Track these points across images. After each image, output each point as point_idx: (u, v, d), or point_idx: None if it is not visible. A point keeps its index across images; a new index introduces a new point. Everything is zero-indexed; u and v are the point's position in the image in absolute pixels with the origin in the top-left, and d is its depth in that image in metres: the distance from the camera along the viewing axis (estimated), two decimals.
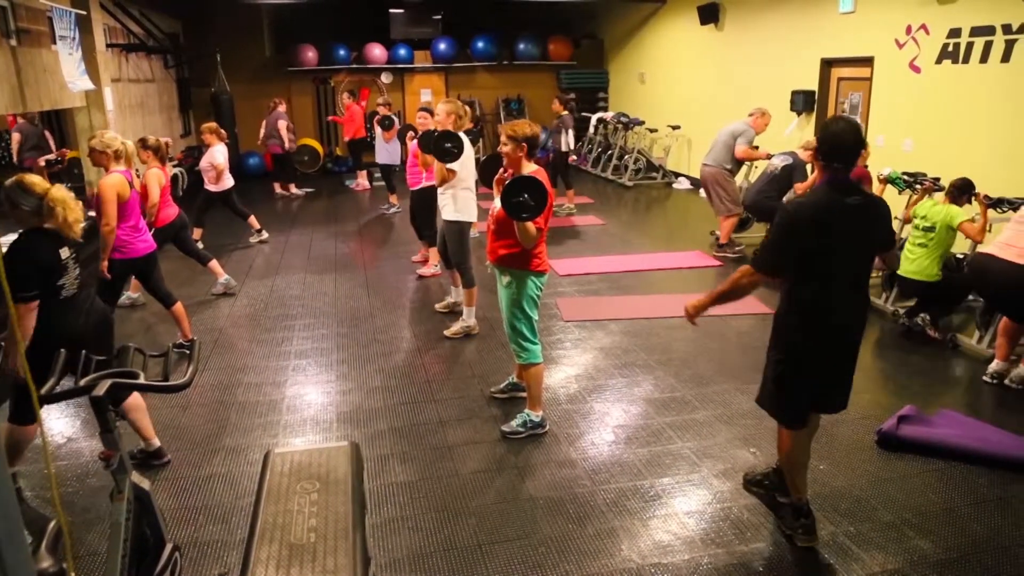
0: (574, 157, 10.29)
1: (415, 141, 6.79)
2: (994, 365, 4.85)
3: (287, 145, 11.77)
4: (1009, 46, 6.69)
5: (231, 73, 12.68)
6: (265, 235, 8.88)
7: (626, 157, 12.85)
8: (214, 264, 6.65)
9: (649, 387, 4.77)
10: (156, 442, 3.88)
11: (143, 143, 5.98)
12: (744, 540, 3.24)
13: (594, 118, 14.01)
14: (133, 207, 4.83)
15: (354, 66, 14.41)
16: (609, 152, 13.33)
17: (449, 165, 5.35)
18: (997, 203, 5.46)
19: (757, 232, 8.19)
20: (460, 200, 5.52)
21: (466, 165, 5.47)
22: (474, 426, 4.29)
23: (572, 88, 15.34)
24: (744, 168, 8.14)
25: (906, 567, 3.07)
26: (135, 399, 3.72)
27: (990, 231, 5.74)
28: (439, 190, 5.58)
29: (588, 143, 14.29)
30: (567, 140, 10.03)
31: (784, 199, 7.18)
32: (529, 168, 3.91)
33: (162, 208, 5.95)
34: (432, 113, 7.48)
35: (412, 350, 5.49)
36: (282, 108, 11.96)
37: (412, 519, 3.42)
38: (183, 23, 13.13)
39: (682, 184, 12.33)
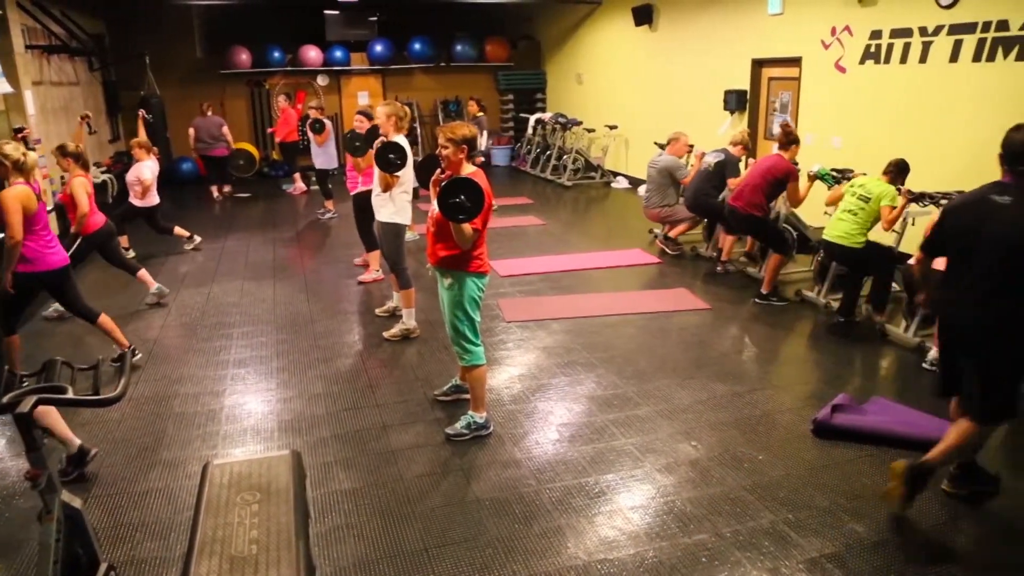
0: (481, 159, 10.33)
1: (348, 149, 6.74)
2: (932, 354, 5.05)
3: (232, 145, 11.81)
4: (926, 47, 6.97)
5: (161, 76, 12.34)
6: (198, 240, 8.67)
7: (565, 157, 12.95)
8: (143, 274, 6.46)
9: (592, 385, 4.82)
10: (76, 441, 3.74)
11: (62, 151, 5.76)
12: (688, 532, 3.30)
13: (532, 119, 14.09)
14: (41, 218, 4.60)
15: (289, 68, 14.19)
16: (548, 153, 13.42)
17: (395, 173, 5.33)
18: (919, 197, 5.68)
19: (694, 233, 8.34)
20: (398, 202, 5.49)
21: (406, 169, 5.45)
22: (418, 430, 4.27)
23: (510, 89, 15.43)
24: (684, 159, 8.28)
25: (842, 551, 3.17)
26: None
27: (913, 224, 5.98)
28: (376, 192, 5.53)
29: (527, 144, 14.36)
30: (480, 141, 10.06)
31: (720, 196, 7.35)
32: (468, 170, 3.91)
33: (89, 215, 5.75)
34: (369, 116, 7.45)
35: (354, 355, 5.43)
36: (210, 112, 11.79)
37: (357, 526, 3.38)
38: (108, 24, 12.73)
39: (620, 183, 12.48)
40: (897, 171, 5.68)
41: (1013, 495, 3.68)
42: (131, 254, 8.14)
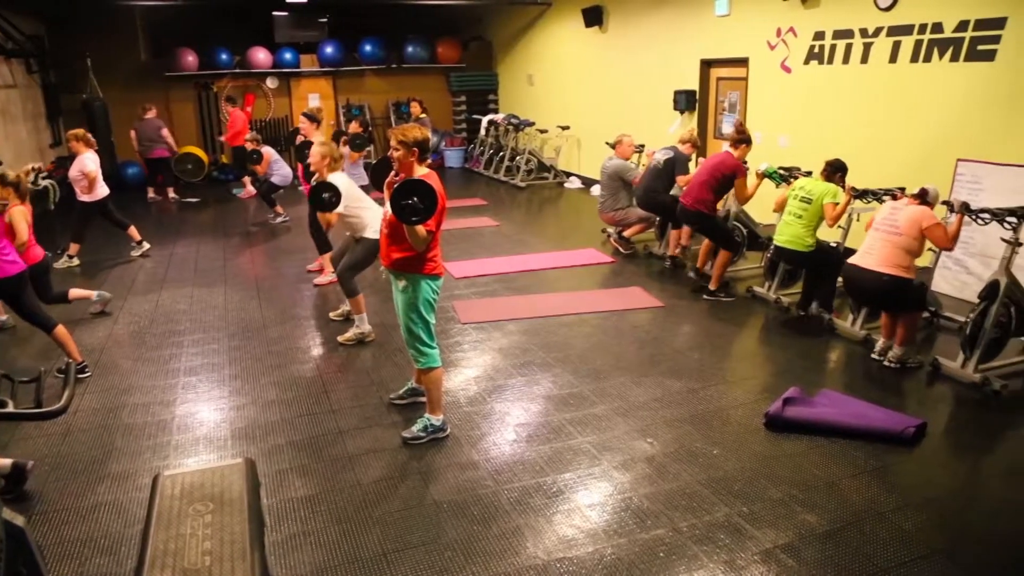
0: (428, 160, 10.28)
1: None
2: (880, 344, 5.20)
3: (175, 148, 11.70)
4: (867, 48, 7.16)
5: (104, 78, 12.05)
6: (147, 246, 8.48)
7: (518, 158, 12.98)
8: (76, 292, 6.21)
9: (548, 384, 4.84)
10: (6, 462, 3.63)
11: (1, 180, 5.52)
12: (645, 528, 3.34)
13: (485, 120, 14.09)
14: None
15: (238, 71, 13.96)
16: (501, 154, 13.44)
17: (332, 212, 5.36)
18: (863, 194, 5.83)
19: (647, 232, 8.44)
20: (375, 222, 5.36)
21: (351, 195, 5.45)
22: (374, 434, 4.23)
23: (462, 90, 15.41)
24: (635, 157, 8.37)
25: (796, 541, 3.24)
26: None
27: (858, 220, 6.13)
28: (359, 206, 5.53)
29: (480, 145, 14.35)
30: None
31: (670, 192, 7.43)
32: (420, 172, 3.90)
33: (28, 247, 5.53)
34: (313, 119, 7.44)
35: (308, 360, 5.37)
36: (151, 115, 11.55)
37: (314, 533, 3.35)
38: (47, 25, 12.37)
39: (573, 183, 12.55)
40: (832, 170, 5.81)
41: (960, 482, 3.81)
42: (76, 262, 7.94)
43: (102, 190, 7.86)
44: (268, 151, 9.89)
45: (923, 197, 4.99)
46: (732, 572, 3.04)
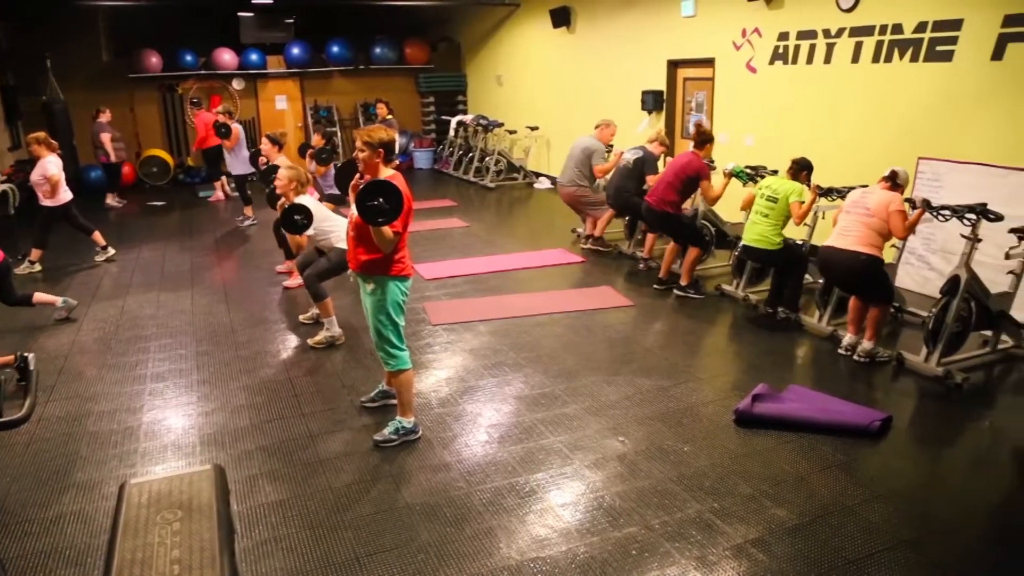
0: (397, 162, 10.29)
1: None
2: (847, 339, 5.28)
3: (113, 157, 11.36)
4: (830, 49, 7.27)
5: (65, 80, 11.84)
6: (111, 251, 8.34)
7: (487, 159, 12.99)
8: (40, 296, 6.10)
9: (519, 385, 4.85)
10: None
11: None
12: (618, 526, 3.35)
13: (454, 121, 14.07)
14: None
15: (203, 72, 13.78)
16: (470, 155, 13.43)
17: (303, 234, 5.36)
18: (828, 192, 5.92)
19: (616, 232, 8.48)
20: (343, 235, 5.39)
21: (320, 216, 5.46)
22: (345, 438, 4.21)
23: (431, 91, 15.38)
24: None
25: (766, 535, 3.28)
26: None
27: (823, 218, 6.22)
28: (327, 219, 5.54)
29: (449, 146, 14.33)
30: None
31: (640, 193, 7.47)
32: (386, 173, 3.88)
33: None
34: (275, 142, 7.46)
35: (277, 364, 5.32)
36: (104, 118, 11.35)
37: (286, 539, 3.32)
38: (4, 26, 12.11)
39: (543, 184, 12.59)
40: (798, 169, 5.89)
41: (925, 474, 3.88)
42: (37, 268, 7.78)
43: (65, 194, 7.72)
44: (238, 127, 9.85)
45: (893, 179, 5.10)
46: (704, 568, 3.07)
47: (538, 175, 12.92)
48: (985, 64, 5.96)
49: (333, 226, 5.52)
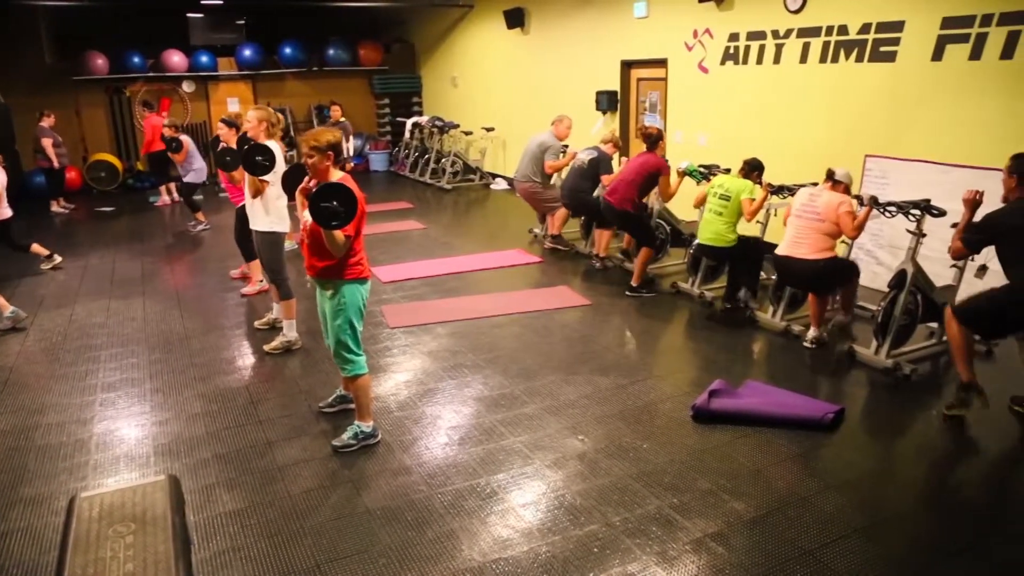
0: (352, 164, 10.32)
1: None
2: (811, 333, 5.40)
3: (55, 163, 11.09)
4: (779, 49, 7.41)
5: (5, 83, 11.50)
6: (58, 259, 8.12)
7: (443, 160, 12.95)
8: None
9: (479, 386, 4.84)
10: None
11: None
12: (579, 525, 3.37)
13: (409, 123, 14.01)
14: None
15: (152, 74, 13.50)
16: (426, 156, 13.38)
17: (263, 177, 5.17)
18: (779, 190, 6.03)
19: (573, 231, 8.53)
20: (273, 210, 5.34)
21: (279, 174, 5.30)
22: (303, 444, 4.16)
23: (385, 93, 15.28)
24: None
25: (724, 529, 3.32)
26: None
27: (776, 215, 6.34)
28: (249, 200, 5.37)
29: (404, 148, 14.26)
30: (347, 147, 9.99)
31: (595, 193, 7.53)
32: (336, 176, 3.85)
33: None
34: (232, 125, 7.28)
35: (233, 371, 5.24)
36: (47, 123, 11.05)
37: (244, 548, 3.26)
38: None
39: (499, 185, 12.60)
40: (749, 168, 6.01)
41: (876, 464, 3.97)
42: None
43: (5, 211, 7.28)
44: (187, 140, 9.65)
45: (831, 178, 5.23)
46: (664, 563, 3.11)
47: (494, 176, 12.93)
48: (926, 64, 6.14)
49: (281, 191, 5.35)
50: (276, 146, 5.32)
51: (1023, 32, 5.48)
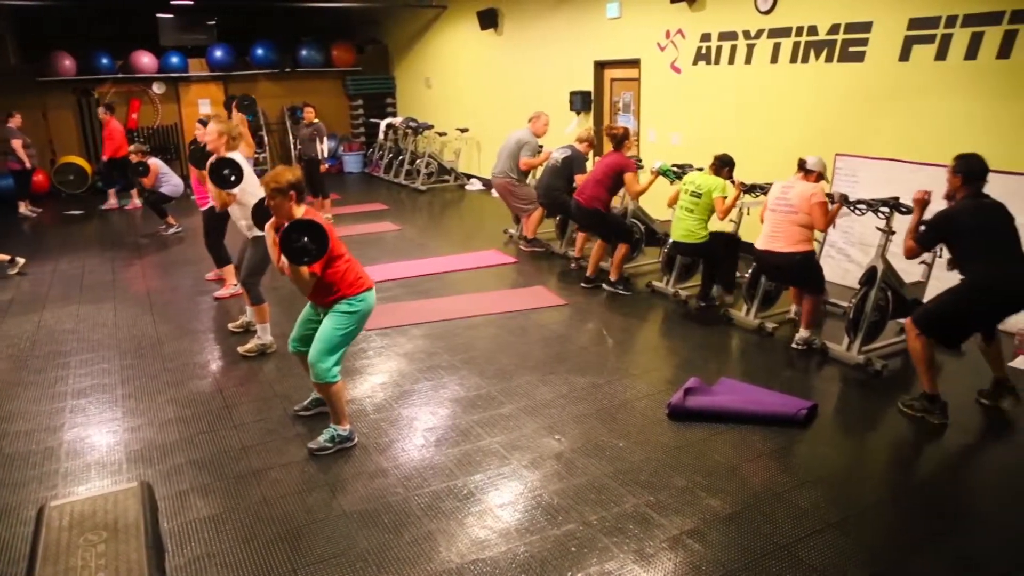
0: (326, 166, 10.31)
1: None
2: (802, 334, 5.41)
3: (27, 163, 10.94)
4: (750, 50, 7.48)
5: None
6: (21, 262, 7.96)
7: (417, 162, 12.92)
8: None
9: (455, 387, 4.84)
10: None
11: None
12: (556, 524, 3.38)
13: (383, 124, 13.95)
14: None
15: (120, 76, 13.31)
16: (400, 157, 13.33)
17: (231, 190, 5.17)
18: (751, 189, 6.09)
19: (548, 232, 8.55)
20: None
21: (250, 180, 5.25)
22: (279, 448, 4.13)
23: (359, 94, 15.21)
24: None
25: (700, 525, 3.35)
26: None
27: (748, 214, 6.39)
28: (231, 210, 5.35)
29: (379, 149, 14.20)
30: (321, 148, 9.95)
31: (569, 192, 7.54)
32: (299, 212, 3.85)
33: None
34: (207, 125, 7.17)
35: (207, 375, 5.18)
36: (13, 123, 10.86)
37: (220, 555, 3.23)
38: None
39: (474, 185, 12.59)
40: (720, 164, 6.06)
41: (849, 459, 4.02)
42: None
43: None
44: (155, 163, 9.51)
45: (803, 167, 5.29)
46: (642, 561, 3.12)
47: (469, 177, 12.91)
48: (894, 64, 6.23)
49: (260, 190, 5.31)
50: (240, 156, 5.31)
51: (986, 33, 5.59)
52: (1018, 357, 5.06)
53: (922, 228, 4.34)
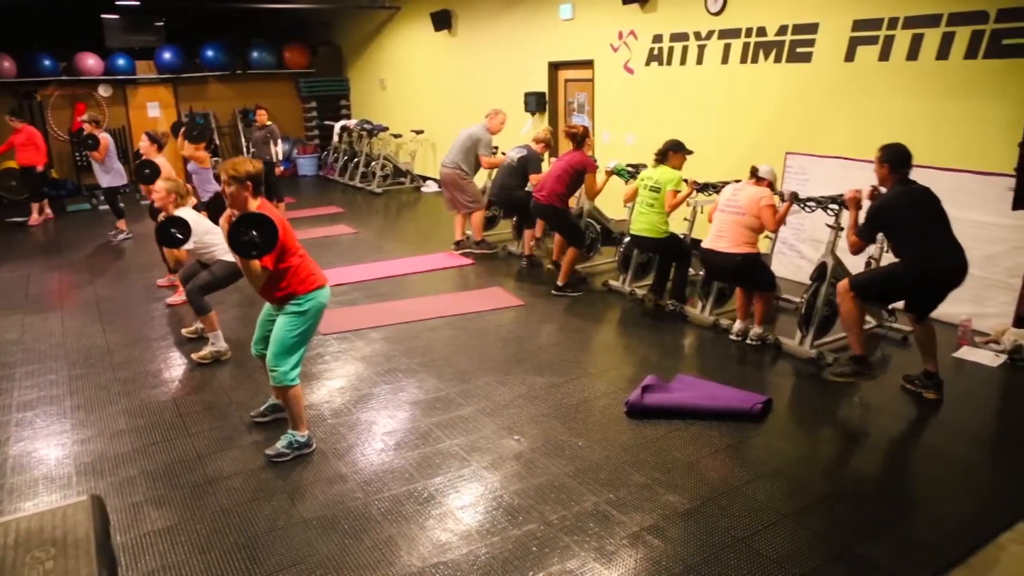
0: (281, 169, 10.19)
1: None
2: (737, 325, 5.55)
3: None
4: (701, 50, 7.59)
5: None
6: None
7: (373, 164, 12.83)
8: None
9: (414, 390, 4.82)
10: None
11: None
12: (517, 525, 3.38)
13: (337, 126, 13.83)
14: None
15: (65, 78, 12.97)
16: (355, 160, 13.22)
17: (180, 248, 5.18)
18: (704, 187, 6.18)
19: (504, 228, 8.56)
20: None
21: (200, 229, 5.29)
22: (235, 455, 4.06)
23: (312, 96, 15.06)
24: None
25: (660, 521, 3.39)
26: None
27: (702, 212, 6.47)
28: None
29: (333, 152, 14.07)
30: (276, 151, 9.83)
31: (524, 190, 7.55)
32: (254, 205, 3.81)
33: None
34: (155, 140, 7.16)
35: (161, 384, 5.08)
36: None
37: (176, 567, 3.17)
38: None
39: (430, 187, 12.54)
40: (665, 151, 6.10)
41: (803, 451, 4.10)
42: None
43: None
44: (107, 137, 9.30)
45: (755, 174, 5.38)
46: (603, 558, 3.14)
47: (425, 179, 12.87)
48: (840, 65, 6.38)
49: (216, 239, 5.32)
50: (188, 212, 5.37)
51: (926, 35, 5.75)
52: (961, 347, 5.21)
53: (861, 223, 4.50)
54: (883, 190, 4.56)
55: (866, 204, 4.63)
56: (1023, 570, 3.07)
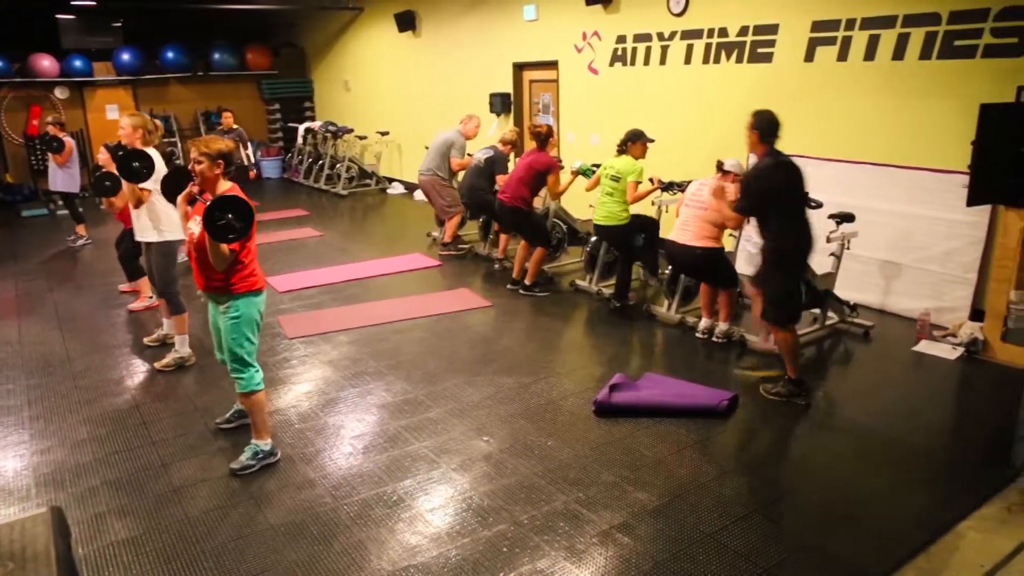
0: (254, 172, 10.09)
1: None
2: (702, 323, 5.60)
3: None
4: (664, 51, 7.65)
5: None
6: None
7: (338, 166, 12.73)
8: None
9: (382, 393, 4.79)
10: None
11: None
12: (487, 525, 3.38)
13: (301, 128, 13.70)
14: None
15: (18, 80, 12.67)
16: (320, 162, 13.11)
17: (143, 185, 4.97)
18: (668, 186, 6.23)
19: (471, 233, 8.55)
20: (163, 217, 5.12)
21: (160, 172, 5.09)
22: (201, 463, 4.01)
23: (275, 98, 14.91)
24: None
25: (629, 519, 3.41)
26: None
27: (667, 211, 6.54)
28: (133, 213, 5.15)
29: (298, 154, 13.94)
30: (246, 154, 9.74)
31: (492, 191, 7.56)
32: (224, 187, 3.73)
33: None
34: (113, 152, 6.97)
35: (122, 392, 4.99)
36: None
37: None
38: None
39: (396, 189, 12.49)
40: (625, 140, 6.14)
41: (768, 446, 4.16)
42: None
43: None
44: (71, 141, 9.13)
45: (720, 168, 5.45)
46: (573, 557, 3.16)
47: (391, 180, 12.80)
48: (800, 65, 6.48)
49: (164, 206, 5.07)
50: (155, 152, 5.13)
51: (882, 36, 5.87)
52: (920, 342, 5.33)
53: (738, 198, 4.61)
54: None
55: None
56: (981, 557, 3.14)
